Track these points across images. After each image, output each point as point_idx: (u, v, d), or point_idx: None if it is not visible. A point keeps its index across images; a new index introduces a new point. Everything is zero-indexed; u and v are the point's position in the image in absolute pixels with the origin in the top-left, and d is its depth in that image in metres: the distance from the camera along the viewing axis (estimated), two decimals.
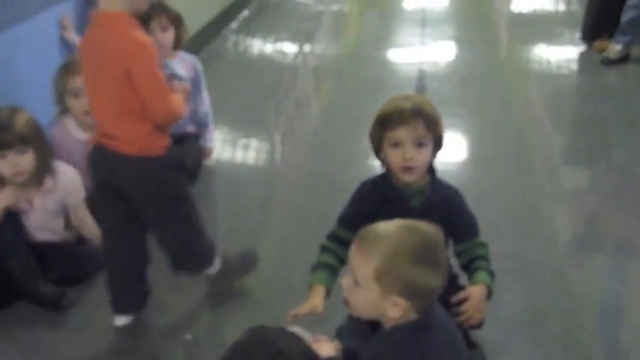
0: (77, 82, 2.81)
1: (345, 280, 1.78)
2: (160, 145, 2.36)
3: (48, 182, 2.64)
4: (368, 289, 1.70)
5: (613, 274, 2.88)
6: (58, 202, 2.71)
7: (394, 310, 1.67)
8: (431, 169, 2.26)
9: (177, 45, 3.47)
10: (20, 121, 2.52)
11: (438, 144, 2.22)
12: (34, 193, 2.64)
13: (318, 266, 2.30)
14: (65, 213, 2.79)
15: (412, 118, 2.13)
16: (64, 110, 2.96)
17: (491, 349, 2.17)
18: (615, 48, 4.84)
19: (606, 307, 2.67)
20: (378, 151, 2.23)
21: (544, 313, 2.60)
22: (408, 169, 2.15)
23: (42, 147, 2.59)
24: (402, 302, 1.66)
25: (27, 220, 2.67)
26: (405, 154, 2.13)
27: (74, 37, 3.39)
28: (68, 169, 2.74)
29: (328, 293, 2.22)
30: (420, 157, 2.15)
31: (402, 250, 1.65)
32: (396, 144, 2.15)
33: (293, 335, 1.71)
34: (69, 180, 2.72)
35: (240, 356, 1.66)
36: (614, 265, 2.93)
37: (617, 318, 2.61)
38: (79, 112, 2.89)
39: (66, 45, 3.40)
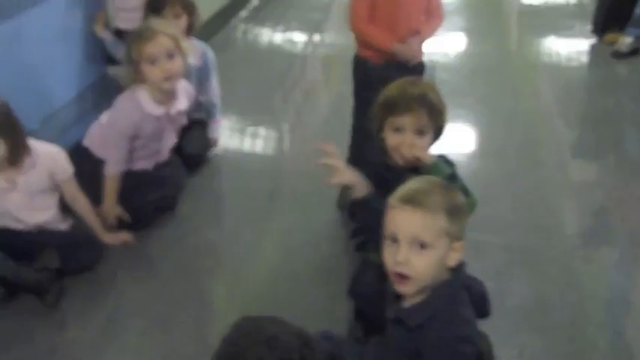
0: (152, 48, 2.77)
1: (400, 255, 1.70)
2: None
3: (26, 160, 2.58)
4: (437, 247, 1.70)
5: (620, 268, 2.88)
6: (43, 180, 2.66)
7: (455, 257, 1.73)
8: None
9: (190, 32, 3.47)
10: None
11: (438, 133, 2.23)
12: (15, 174, 2.58)
13: None
14: (58, 192, 2.76)
15: (417, 106, 2.14)
16: (139, 80, 2.86)
17: (498, 339, 2.17)
18: (626, 41, 4.81)
19: (612, 300, 2.67)
20: (378, 131, 2.25)
21: (550, 305, 2.60)
22: (406, 156, 2.17)
23: (12, 133, 2.51)
24: (461, 244, 1.72)
25: (14, 202, 2.62)
26: (406, 140, 2.16)
27: (104, 33, 3.41)
28: (49, 147, 2.69)
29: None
30: (419, 145, 2.17)
31: (450, 189, 1.76)
32: (398, 129, 2.17)
33: (282, 321, 1.70)
34: (51, 157, 2.66)
35: (233, 349, 1.65)
36: (621, 258, 2.92)
37: (622, 311, 2.61)
38: (158, 78, 2.82)
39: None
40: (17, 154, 2.54)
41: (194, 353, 2.43)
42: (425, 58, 3.07)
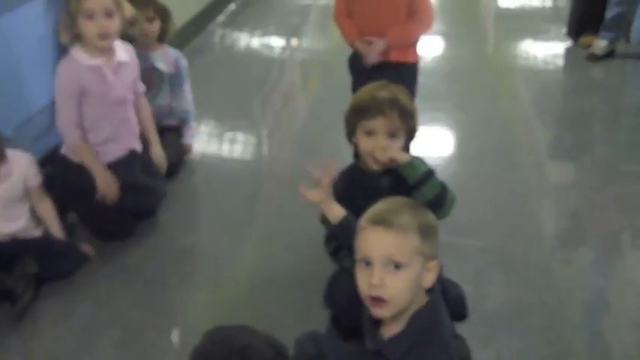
0: (91, 3, 2.69)
1: (375, 278, 1.69)
2: None
3: (2, 169, 2.56)
4: (411, 266, 1.68)
5: (597, 269, 2.89)
6: (18, 188, 2.64)
7: (430, 277, 1.71)
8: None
9: (163, 38, 3.46)
10: None
11: (410, 135, 2.26)
12: None
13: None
14: (28, 199, 2.73)
15: (388, 109, 2.18)
16: (74, 37, 2.79)
17: (475, 342, 2.18)
18: (600, 44, 4.85)
19: (590, 302, 2.68)
20: (350, 135, 2.30)
21: (528, 307, 2.61)
22: (380, 158, 2.20)
23: None
24: (434, 263, 1.71)
25: None
26: (378, 143, 2.18)
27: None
28: (21, 154, 2.68)
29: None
30: (392, 148, 2.19)
31: (420, 209, 1.76)
32: (370, 133, 2.21)
33: (254, 330, 1.69)
34: (25, 164, 2.66)
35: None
36: (598, 259, 2.94)
37: (600, 312, 2.63)
38: (93, 34, 2.73)
39: None
40: None
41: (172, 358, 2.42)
42: (418, 60, 3.12)
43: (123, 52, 2.92)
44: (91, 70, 2.79)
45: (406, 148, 2.31)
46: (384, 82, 2.30)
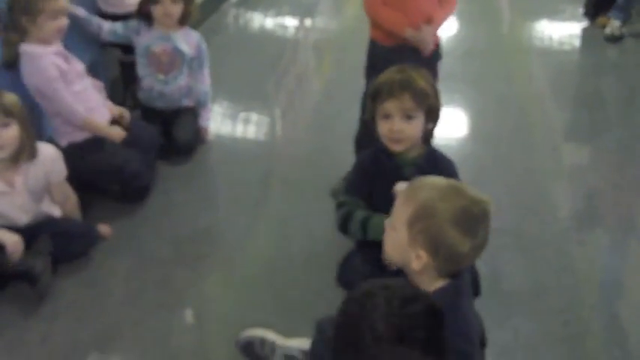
0: (56, 5, 2.87)
1: (386, 221, 1.78)
2: None
3: (27, 162, 2.59)
4: (400, 233, 1.69)
5: (613, 251, 2.89)
6: (40, 182, 2.66)
7: (416, 263, 1.66)
8: (427, 140, 2.28)
9: (185, 20, 3.45)
10: (5, 97, 2.49)
11: (431, 116, 2.23)
12: (13, 174, 2.58)
13: (370, 215, 2.22)
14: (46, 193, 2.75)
15: (399, 91, 2.16)
16: (19, 37, 2.89)
17: (491, 323, 2.17)
18: (615, 24, 4.81)
19: (606, 283, 2.68)
20: (372, 120, 2.27)
21: (544, 288, 2.61)
22: (396, 140, 2.20)
23: (26, 125, 2.54)
24: (424, 256, 1.65)
25: (9, 203, 2.59)
26: (393, 126, 2.17)
27: (76, 10, 3.34)
28: (49, 147, 2.70)
29: None
30: (408, 130, 2.19)
31: (441, 206, 1.63)
32: (386, 116, 2.20)
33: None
34: (51, 159, 2.68)
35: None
36: (614, 241, 2.94)
37: (616, 293, 2.63)
38: (52, 32, 2.90)
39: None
40: (25, 144, 2.54)
41: (191, 340, 2.43)
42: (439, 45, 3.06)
43: None
44: (55, 54, 2.94)
45: (430, 131, 2.29)
46: (401, 66, 2.28)
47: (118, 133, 3.13)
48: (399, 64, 2.29)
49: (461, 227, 1.61)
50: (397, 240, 1.71)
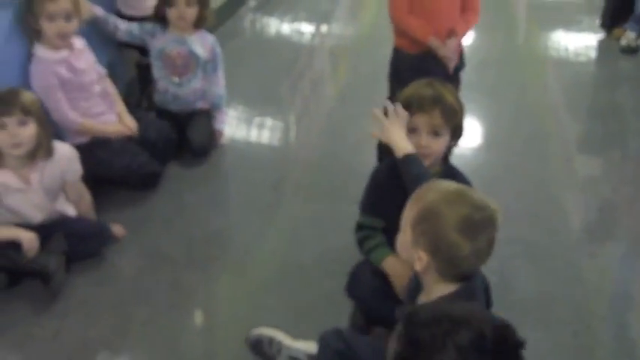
0: (53, 7, 2.87)
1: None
2: None
3: (44, 160, 2.62)
4: (406, 233, 1.72)
5: (624, 263, 2.88)
6: (56, 181, 2.69)
7: (418, 264, 1.68)
8: (445, 157, 2.28)
9: (200, 24, 3.47)
10: (24, 95, 2.53)
11: (456, 133, 2.23)
12: (29, 171, 2.60)
13: (378, 245, 2.28)
14: (61, 192, 2.79)
15: (430, 106, 2.16)
16: (35, 35, 2.94)
17: None
18: (630, 36, 4.80)
19: (616, 295, 2.67)
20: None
21: (554, 299, 2.61)
22: (421, 156, 2.16)
23: (43, 123, 2.58)
24: (424, 257, 1.66)
25: (24, 200, 2.62)
26: (421, 141, 2.16)
27: (94, 8, 3.36)
28: (65, 146, 2.73)
29: None
30: (434, 146, 2.18)
31: (444, 209, 1.64)
32: (413, 130, 2.18)
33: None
34: (67, 158, 2.71)
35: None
36: (625, 253, 2.93)
37: (627, 306, 2.62)
38: (53, 34, 2.91)
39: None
40: (42, 142, 2.57)
41: (201, 341, 2.45)
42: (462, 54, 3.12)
43: (75, 41, 3.07)
44: (60, 63, 2.96)
45: (451, 148, 2.30)
46: (430, 80, 2.28)
47: (117, 129, 3.18)
48: (427, 76, 2.30)
49: (462, 232, 1.62)
50: (404, 240, 1.74)
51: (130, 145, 3.18)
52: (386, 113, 2.17)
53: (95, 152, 3.05)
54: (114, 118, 3.21)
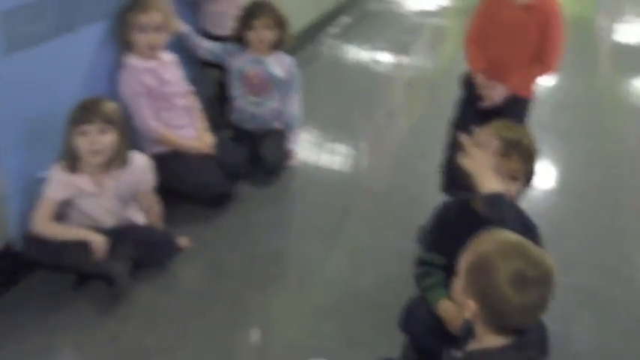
0: (145, 19, 3.01)
1: None
2: None
3: (119, 168, 2.71)
4: (460, 279, 1.72)
5: None
6: (129, 189, 2.78)
7: (467, 311, 1.68)
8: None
9: (278, 46, 3.56)
10: (106, 104, 2.64)
11: (528, 179, 2.22)
12: (104, 178, 2.70)
13: (434, 285, 2.29)
14: (133, 200, 2.87)
15: (511, 152, 2.15)
16: (127, 45, 3.08)
17: None
18: None
19: None
20: (468, 174, 2.23)
21: (616, 354, 2.55)
22: None
23: (123, 133, 2.68)
24: (472, 306, 1.66)
25: (97, 205, 2.72)
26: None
27: (179, 24, 3.47)
28: (142, 157, 2.83)
29: None
30: (510, 190, 2.16)
31: (497, 262, 1.63)
32: None
33: None
34: (142, 168, 2.80)
35: None
36: None
37: None
38: (144, 45, 3.06)
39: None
40: (120, 151, 2.67)
41: (255, 358, 2.48)
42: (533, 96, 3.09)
43: (164, 54, 3.21)
44: (148, 72, 3.11)
45: (521, 192, 2.28)
46: (509, 123, 2.29)
47: (195, 145, 3.25)
48: (505, 121, 2.32)
49: (512, 286, 1.60)
50: (457, 285, 1.73)
51: (206, 162, 3.25)
52: (472, 141, 2.12)
53: (170, 164, 3.14)
54: (193, 134, 3.30)
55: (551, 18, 2.90)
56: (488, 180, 2.04)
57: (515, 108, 3.00)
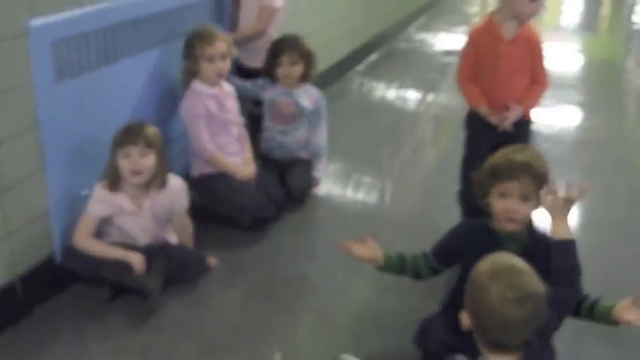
0: (212, 50, 3.29)
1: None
2: None
3: (157, 189, 2.88)
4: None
5: None
6: (165, 209, 2.95)
7: (464, 322, 1.90)
8: (530, 220, 2.38)
9: (305, 79, 3.75)
10: (148, 129, 2.82)
11: (539, 200, 2.32)
12: (142, 198, 2.87)
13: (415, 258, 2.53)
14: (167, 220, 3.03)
15: (521, 173, 2.27)
16: (192, 74, 3.35)
17: None
18: None
19: None
20: (483, 196, 2.37)
21: None
22: (511, 220, 2.30)
23: (162, 156, 2.86)
24: (467, 319, 1.88)
25: (134, 223, 2.89)
26: (511, 206, 2.28)
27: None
28: (177, 179, 2.99)
29: (382, 267, 2.57)
30: (523, 210, 2.30)
31: (487, 283, 1.83)
32: (503, 195, 2.29)
33: None
34: (177, 190, 2.97)
35: None
36: None
37: None
38: (213, 74, 3.33)
39: None
40: (159, 173, 2.84)
41: None
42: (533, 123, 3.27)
43: (225, 84, 3.50)
44: (211, 97, 3.39)
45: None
46: (520, 146, 2.43)
47: (242, 171, 3.45)
48: (516, 144, 2.48)
49: (502, 304, 1.78)
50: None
51: (249, 187, 3.45)
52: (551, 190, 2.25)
53: (216, 185, 3.40)
54: (240, 162, 3.51)
55: (537, 45, 3.15)
56: (562, 226, 2.21)
57: (523, 131, 3.20)
